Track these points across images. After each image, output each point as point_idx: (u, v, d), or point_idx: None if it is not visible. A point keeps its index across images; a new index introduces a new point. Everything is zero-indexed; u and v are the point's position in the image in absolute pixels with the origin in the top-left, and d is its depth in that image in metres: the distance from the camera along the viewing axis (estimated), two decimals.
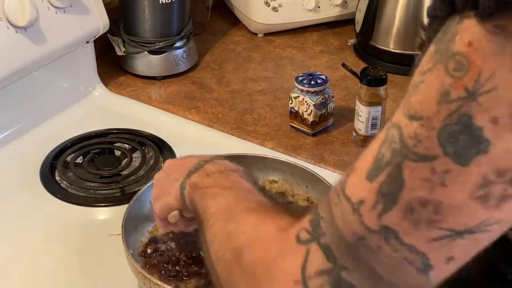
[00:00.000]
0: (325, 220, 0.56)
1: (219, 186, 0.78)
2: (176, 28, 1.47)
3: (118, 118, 1.35)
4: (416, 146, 0.50)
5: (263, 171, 1.12)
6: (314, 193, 1.09)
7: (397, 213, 0.51)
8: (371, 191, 0.53)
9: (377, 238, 0.53)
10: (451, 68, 0.48)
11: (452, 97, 0.48)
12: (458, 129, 0.48)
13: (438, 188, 0.50)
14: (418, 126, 0.50)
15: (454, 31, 0.49)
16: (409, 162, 0.51)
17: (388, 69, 1.32)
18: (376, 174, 0.53)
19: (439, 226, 0.51)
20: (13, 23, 1.18)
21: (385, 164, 0.52)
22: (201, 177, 0.81)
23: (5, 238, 1.08)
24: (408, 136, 0.51)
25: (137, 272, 0.91)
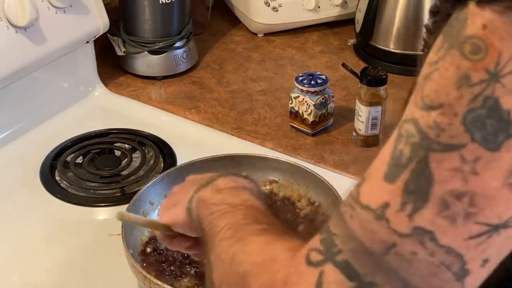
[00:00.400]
0: (340, 236, 0.52)
1: (228, 204, 0.72)
2: (176, 28, 1.47)
3: (118, 118, 1.35)
4: (439, 135, 0.47)
5: (263, 171, 1.12)
6: (314, 193, 1.08)
7: (430, 211, 0.48)
8: (395, 192, 0.49)
9: (410, 243, 0.48)
10: (467, 51, 0.46)
11: (473, 80, 0.46)
12: (485, 113, 0.46)
13: (470, 177, 0.47)
14: (437, 114, 0.47)
15: (463, 17, 0.47)
16: (434, 154, 0.47)
17: (388, 69, 1.32)
18: (397, 173, 0.49)
19: (476, 220, 0.47)
20: (13, 23, 1.18)
21: (406, 161, 0.49)
22: (211, 193, 0.75)
23: (5, 238, 1.08)
24: (427, 126, 0.48)
25: (137, 272, 0.91)
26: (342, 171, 1.19)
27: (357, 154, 1.24)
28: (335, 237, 0.52)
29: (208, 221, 0.71)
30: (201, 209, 0.74)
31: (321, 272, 0.52)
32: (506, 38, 0.46)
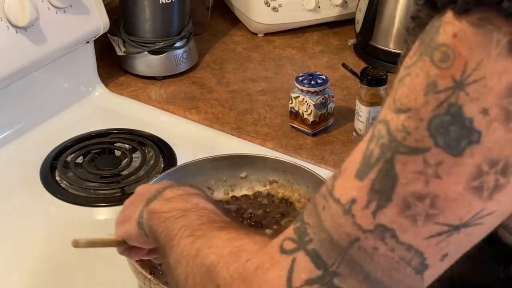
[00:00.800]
0: (312, 226, 0.54)
1: (180, 210, 0.73)
2: (176, 28, 1.47)
3: (118, 118, 1.35)
4: (406, 138, 0.49)
5: (263, 171, 1.12)
6: (315, 193, 1.08)
7: (392, 210, 0.50)
8: (362, 189, 0.51)
9: (372, 238, 0.51)
10: (436, 59, 0.48)
11: (439, 87, 0.48)
12: (448, 120, 0.48)
13: (432, 180, 0.49)
14: (405, 118, 0.49)
15: (437, 25, 0.49)
16: (400, 156, 0.50)
17: (388, 69, 1.32)
18: (366, 172, 0.51)
19: (436, 220, 0.49)
20: (13, 23, 1.18)
21: (375, 160, 0.51)
22: (160, 204, 0.76)
23: (5, 238, 1.08)
24: (395, 129, 0.50)
25: (137, 272, 0.91)
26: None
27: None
28: (308, 226, 0.54)
29: (162, 228, 0.72)
30: (153, 220, 0.75)
31: (293, 259, 0.54)
32: (474, 48, 0.47)
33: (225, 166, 1.12)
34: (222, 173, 1.12)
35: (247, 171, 1.12)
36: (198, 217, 0.70)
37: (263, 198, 1.11)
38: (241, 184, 1.12)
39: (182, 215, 0.72)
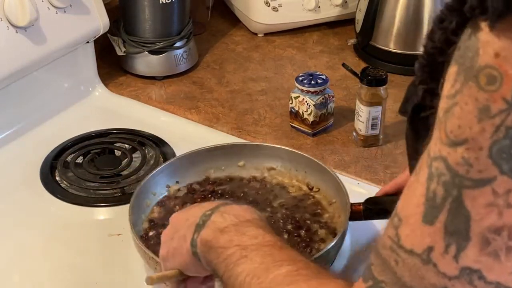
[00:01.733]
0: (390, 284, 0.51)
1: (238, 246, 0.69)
2: (176, 28, 1.47)
3: (118, 118, 1.35)
4: (469, 171, 0.47)
5: (261, 159, 1.14)
6: (313, 178, 1.11)
7: (473, 249, 0.48)
8: (436, 234, 0.49)
9: (460, 284, 0.48)
10: (483, 82, 0.46)
11: (493, 111, 0.46)
12: (509, 144, 0.46)
13: (505, 210, 0.47)
14: (464, 150, 0.47)
15: (474, 46, 0.47)
16: (467, 191, 0.47)
17: (389, 69, 1.32)
18: (434, 215, 0.49)
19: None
20: (13, 23, 1.18)
21: (441, 201, 0.48)
22: (213, 233, 0.72)
23: (5, 238, 1.08)
24: (456, 163, 0.48)
25: (149, 257, 0.92)
26: (343, 171, 1.19)
27: (357, 154, 1.24)
28: (384, 285, 0.52)
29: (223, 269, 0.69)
30: (210, 254, 0.72)
31: None
32: None
33: (223, 155, 1.14)
34: (220, 162, 1.14)
35: (244, 160, 1.14)
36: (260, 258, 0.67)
37: (257, 182, 1.13)
38: (239, 173, 1.14)
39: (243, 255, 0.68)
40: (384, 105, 1.23)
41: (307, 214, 1.05)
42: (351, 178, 1.17)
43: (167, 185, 1.10)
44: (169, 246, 0.80)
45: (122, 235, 1.06)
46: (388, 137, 1.27)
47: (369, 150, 1.25)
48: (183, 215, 0.81)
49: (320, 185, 1.10)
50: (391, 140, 1.27)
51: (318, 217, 1.05)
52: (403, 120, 1.41)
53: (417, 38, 1.45)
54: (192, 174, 1.12)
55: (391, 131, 1.29)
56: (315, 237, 1.01)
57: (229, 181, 1.13)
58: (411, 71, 1.67)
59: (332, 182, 1.07)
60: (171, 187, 1.10)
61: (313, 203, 1.08)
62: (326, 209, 1.07)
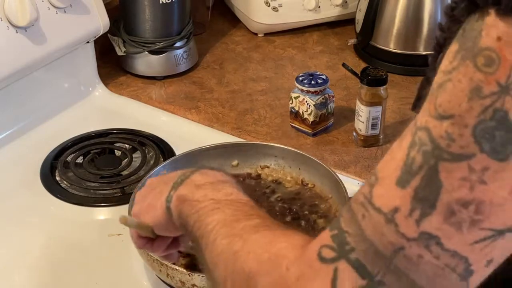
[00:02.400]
0: (353, 235, 0.54)
1: (212, 200, 0.71)
2: (176, 28, 1.47)
3: (118, 118, 1.35)
4: (450, 145, 0.49)
5: (255, 157, 1.15)
6: (307, 174, 1.12)
7: (437, 217, 0.50)
8: (405, 197, 0.51)
9: (417, 247, 0.50)
10: (480, 63, 0.47)
11: (484, 92, 0.47)
12: (494, 125, 0.47)
13: (478, 186, 0.48)
14: (449, 124, 0.49)
15: (478, 28, 0.48)
16: (444, 163, 0.49)
17: (389, 69, 1.32)
18: (408, 180, 0.51)
19: (481, 226, 0.49)
20: (14, 23, 1.18)
21: (417, 168, 0.50)
22: (190, 188, 0.74)
23: (5, 238, 1.08)
24: (439, 136, 0.49)
25: (152, 260, 0.92)
26: (343, 171, 1.19)
27: (358, 154, 1.24)
28: (347, 235, 0.54)
29: (194, 220, 0.71)
30: (183, 207, 0.73)
31: (335, 269, 0.53)
32: None
33: (217, 155, 1.15)
34: (214, 162, 1.15)
35: (238, 159, 1.15)
36: (232, 211, 0.69)
37: (252, 180, 1.14)
38: (233, 172, 1.14)
39: (215, 207, 0.70)
40: (384, 105, 1.23)
41: (305, 205, 1.06)
42: (351, 178, 1.17)
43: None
44: (142, 203, 0.81)
45: (122, 235, 1.06)
46: (388, 137, 1.27)
47: (369, 150, 1.25)
48: (159, 178, 0.83)
49: (315, 181, 1.11)
50: (391, 140, 1.27)
51: (316, 207, 1.07)
52: (403, 120, 1.42)
53: (417, 38, 1.45)
54: None
55: (391, 131, 1.29)
56: (316, 226, 1.03)
57: None
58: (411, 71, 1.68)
59: (327, 177, 1.08)
60: None
61: (309, 196, 1.09)
62: (323, 201, 1.08)
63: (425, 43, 1.45)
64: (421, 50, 1.46)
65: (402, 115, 1.34)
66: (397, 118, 1.34)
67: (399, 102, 1.38)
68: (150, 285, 0.99)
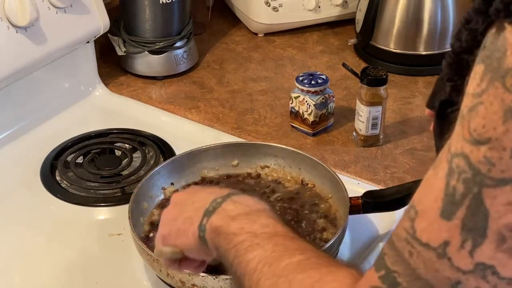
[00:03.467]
0: (403, 275, 0.53)
1: (249, 233, 0.69)
2: (177, 28, 1.47)
3: (118, 118, 1.35)
4: (491, 170, 0.48)
5: (255, 157, 1.15)
6: (307, 174, 1.12)
7: (489, 246, 0.49)
8: (453, 229, 0.50)
9: (474, 279, 0.50)
10: (509, 84, 0.47)
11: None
12: None
13: None
14: (487, 149, 0.48)
15: (502, 47, 0.48)
16: (488, 189, 0.48)
17: (389, 69, 1.32)
18: (453, 211, 0.50)
19: None
20: (14, 23, 1.18)
21: (461, 197, 0.50)
22: (224, 219, 0.72)
23: (5, 238, 1.08)
24: (478, 161, 0.49)
25: (152, 260, 0.92)
26: (343, 171, 1.19)
27: (358, 154, 1.24)
28: (397, 275, 0.53)
29: (233, 255, 0.69)
30: (219, 240, 0.72)
31: None
32: None
33: (217, 155, 1.15)
34: (214, 162, 1.15)
35: (238, 159, 1.15)
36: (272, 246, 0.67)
37: (252, 179, 1.14)
38: (233, 172, 1.15)
39: (254, 242, 0.68)
40: (384, 105, 1.23)
41: (305, 205, 1.07)
42: (351, 178, 1.17)
43: (162, 187, 1.10)
44: (172, 226, 0.79)
45: (122, 235, 1.06)
46: (388, 137, 1.27)
47: (369, 150, 1.25)
48: (188, 197, 0.80)
49: (315, 181, 1.11)
50: (391, 140, 1.27)
51: (316, 207, 1.07)
52: (403, 120, 1.42)
53: (417, 38, 1.45)
54: (187, 175, 1.13)
55: (391, 131, 1.29)
56: (316, 227, 1.03)
57: (226, 179, 1.13)
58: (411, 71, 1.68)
59: (327, 177, 1.08)
60: (167, 189, 1.10)
61: (309, 196, 1.09)
62: (323, 201, 1.08)
63: (425, 43, 1.45)
64: (421, 50, 1.46)
65: (402, 115, 1.34)
66: (397, 118, 1.34)
67: (399, 102, 1.38)
68: (150, 285, 0.99)
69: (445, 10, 1.44)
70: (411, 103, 1.38)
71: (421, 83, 1.45)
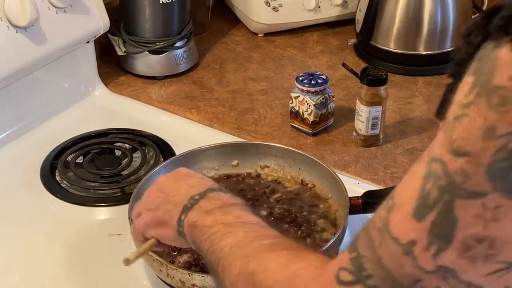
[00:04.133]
0: (369, 260, 0.55)
1: (223, 224, 0.74)
2: (177, 28, 1.47)
3: (118, 118, 1.35)
4: (465, 183, 0.50)
5: (254, 157, 1.15)
6: (307, 174, 1.12)
7: (453, 252, 0.51)
8: (422, 231, 0.52)
9: (434, 279, 0.52)
10: (494, 102, 0.47)
11: (498, 132, 0.48)
12: (508, 165, 0.48)
13: (491, 224, 0.49)
14: (464, 162, 0.49)
15: (493, 63, 0.48)
16: (459, 200, 0.50)
17: (389, 69, 1.32)
18: (424, 213, 0.52)
19: (495, 260, 0.51)
20: (14, 23, 1.18)
21: (433, 202, 0.51)
22: (200, 215, 0.77)
23: (5, 238, 1.08)
24: (454, 172, 0.50)
25: (152, 260, 0.92)
26: (343, 171, 1.19)
27: (358, 154, 1.24)
28: (365, 260, 0.56)
29: (208, 245, 0.74)
30: (195, 234, 0.76)
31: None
32: None
33: (217, 155, 1.15)
34: (214, 162, 1.15)
35: (238, 159, 1.15)
36: (244, 233, 0.71)
37: (252, 179, 1.14)
38: (233, 172, 1.15)
39: (227, 231, 0.72)
40: (384, 105, 1.23)
41: (305, 205, 1.07)
42: (351, 178, 1.17)
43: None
44: (153, 215, 0.83)
45: (122, 235, 1.06)
46: (388, 137, 1.27)
47: (369, 150, 1.25)
48: (171, 184, 0.84)
49: (315, 181, 1.11)
50: (391, 140, 1.27)
51: (316, 207, 1.07)
52: (403, 120, 1.42)
53: (417, 38, 1.45)
54: None
55: (391, 131, 1.29)
56: (316, 228, 1.03)
57: (226, 179, 1.13)
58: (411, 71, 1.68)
59: (327, 177, 1.08)
60: None
61: (309, 196, 1.09)
62: (323, 201, 1.08)
63: (425, 43, 1.45)
64: (421, 50, 1.46)
65: (402, 115, 1.34)
66: (397, 118, 1.34)
67: (399, 102, 1.38)
68: (150, 285, 0.99)
69: (445, 10, 1.44)
70: (411, 103, 1.38)
71: (421, 83, 1.45)
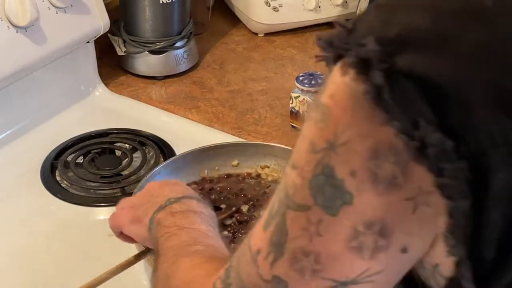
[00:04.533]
0: (234, 269, 0.57)
1: (177, 227, 0.77)
2: (177, 28, 1.47)
3: (118, 118, 1.35)
4: (294, 195, 0.51)
5: (255, 157, 1.14)
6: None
7: (284, 263, 0.52)
8: (265, 240, 0.53)
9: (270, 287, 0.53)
10: (318, 118, 0.49)
11: (317, 147, 0.49)
12: (324, 180, 0.48)
13: (315, 238, 0.50)
14: (296, 175, 0.51)
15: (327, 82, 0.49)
16: (290, 212, 0.51)
17: None
18: (269, 223, 0.53)
19: (322, 276, 0.50)
20: (14, 23, 1.18)
21: (274, 213, 0.53)
22: (166, 215, 0.80)
23: (5, 238, 1.08)
24: (289, 184, 0.51)
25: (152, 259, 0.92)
26: None
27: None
28: (232, 269, 0.57)
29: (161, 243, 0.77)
30: (157, 231, 0.79)
31: None
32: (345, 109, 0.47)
33: (217, 155, 1.15)
34: (214, 162, 1.14)
35: (238, 159, 1.15)
36: (187, 238, 0.74)
37: (252, 179, 1.14)
38: (233, 172, 1.14)
39: (175, 233, 0.76)
40: None
41: None
42: None
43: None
44: (134, 212, 0.86)
45: None
46: None
47: None
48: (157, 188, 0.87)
49: None
50: None
51: None
52: None
53: None
54: (187, 175, 1.12)
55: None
56: None
57: (226, 178, 1.13)
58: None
59: None
60: None
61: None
62: None
63: None
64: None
65: None
66: None
67: None
68: (150, 285, 0.99)
69: None
70: None
71: None
